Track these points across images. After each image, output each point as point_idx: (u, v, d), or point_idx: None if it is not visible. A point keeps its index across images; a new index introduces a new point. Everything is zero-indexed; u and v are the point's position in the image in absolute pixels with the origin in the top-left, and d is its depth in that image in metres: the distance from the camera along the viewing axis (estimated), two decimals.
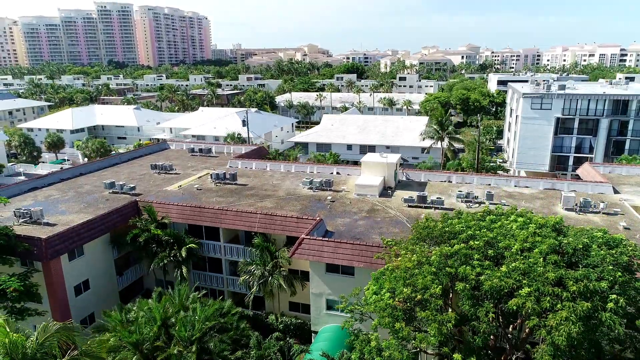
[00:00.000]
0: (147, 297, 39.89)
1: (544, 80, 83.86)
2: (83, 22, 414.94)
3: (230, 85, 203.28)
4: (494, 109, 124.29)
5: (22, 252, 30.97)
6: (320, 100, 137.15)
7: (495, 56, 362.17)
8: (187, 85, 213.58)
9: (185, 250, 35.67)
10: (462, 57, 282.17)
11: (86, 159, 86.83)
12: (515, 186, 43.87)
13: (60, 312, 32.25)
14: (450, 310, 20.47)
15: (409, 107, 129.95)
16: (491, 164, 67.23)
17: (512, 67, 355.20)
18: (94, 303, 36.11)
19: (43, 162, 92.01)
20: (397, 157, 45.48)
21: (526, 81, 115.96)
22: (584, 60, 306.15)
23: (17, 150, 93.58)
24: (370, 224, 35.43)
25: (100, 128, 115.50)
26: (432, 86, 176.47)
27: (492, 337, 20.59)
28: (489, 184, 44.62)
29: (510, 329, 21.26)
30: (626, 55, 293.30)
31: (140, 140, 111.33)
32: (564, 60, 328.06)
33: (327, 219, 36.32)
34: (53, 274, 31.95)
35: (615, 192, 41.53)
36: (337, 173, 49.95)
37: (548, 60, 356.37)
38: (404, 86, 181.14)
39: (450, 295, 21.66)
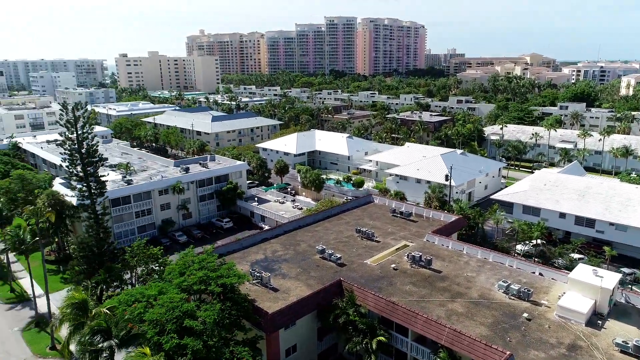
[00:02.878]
0: None
1: None
2: (313, 35, 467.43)
3: (439, 107, 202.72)
4: None
5: (254, 322, 39.36)
6: (536, 139, 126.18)
7: None
8: (396, 104, 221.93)
9: (376, 343, 39.45)
10: None
11: (304, 194, 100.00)
12: None
13: None
14: None
15: None
16: None
17: None
18: None
19: (272, 185, 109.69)
20: (617, 280, 40.32)
21: None
22: None
23: (253, 170, 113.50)
24: None
25: (317, 153, 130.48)
26: None
27: None
28: None
29: None
30: None
31: (349, 168, 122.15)
32: None
33: (518, 347, 35.24)
34: (273, 343, 39.70)
35: None
36: (540, 274, 46.87)
37: None
38: None
39: None
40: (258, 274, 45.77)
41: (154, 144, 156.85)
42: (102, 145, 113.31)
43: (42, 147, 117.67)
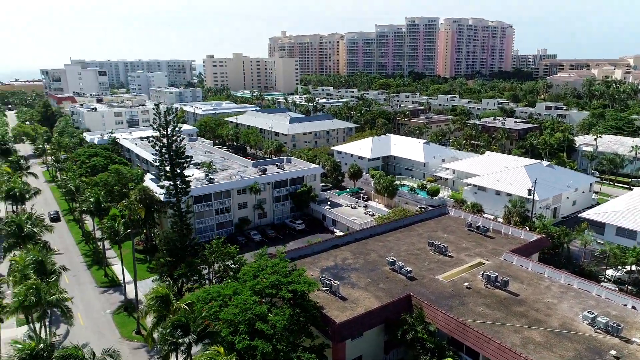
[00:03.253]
0: None
1: None
2: (393, 36, 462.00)
3: (526, 113, 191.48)
4: None
5: (321, 330, 40.04)
6: (636, 152, 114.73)
7: None
8: (478, 108, 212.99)
9: None
10: None
11: (377, 200, 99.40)
12: None
13: None
14: None
15: None
16: None
17: None
18: None
19: (345, 188, 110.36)
20: None
21: None
22: None
23: (327, 173, 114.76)
24: None
25: (392, 158, 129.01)
26: None
27: None
28: None
29: None
30: None
31: (424, 175, 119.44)
32: None
33: None
34: (339, 352, 40.15)
35: None
36: (633, 308, 42.75)
37: None
38: None
39: None
40: (328, 282, 46.43)
41: (234, 143, 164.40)
42: (188, 143, 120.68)
43: (136, 144, 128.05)
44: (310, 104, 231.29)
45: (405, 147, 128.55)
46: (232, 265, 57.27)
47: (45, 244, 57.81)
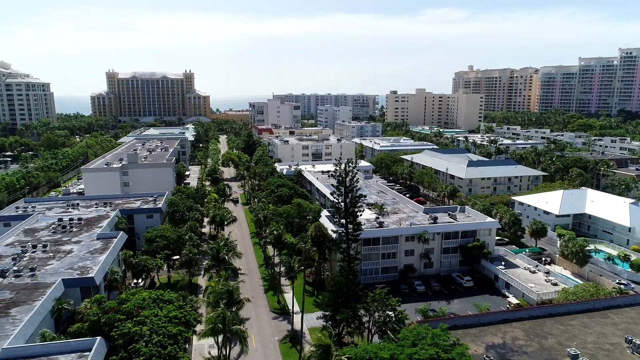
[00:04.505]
0: None
1: None
2: (601, 70, 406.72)
3: None
4: None
5: None
6: None
7: None
8: None
9: None
10: None
11: (562, 266, 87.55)
12: None
13: None
14: None
15: None
16: None
17: None
18: None
19: (524, 247, 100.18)
20: None
21: None
22: None
23: (504, 226, 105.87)
24: None
25: (587, 216, 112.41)
26: None
27: None
28: None
29: None
30: None
31: (628, 242, 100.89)
32: None
33: None
34: None
35: None
36: None
37: None
38: None
39: None
40: None
41: (407, 182, 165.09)
42: (363, 181, 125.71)
43: (317, 178, 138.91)
44: (492, 145, 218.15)
45: (605, 205, 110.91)
46: (393, 318, 57.12)
47: (234, 269, 66.74)
